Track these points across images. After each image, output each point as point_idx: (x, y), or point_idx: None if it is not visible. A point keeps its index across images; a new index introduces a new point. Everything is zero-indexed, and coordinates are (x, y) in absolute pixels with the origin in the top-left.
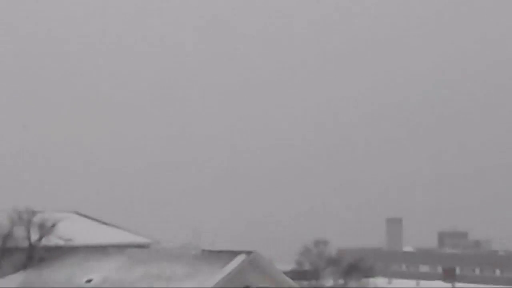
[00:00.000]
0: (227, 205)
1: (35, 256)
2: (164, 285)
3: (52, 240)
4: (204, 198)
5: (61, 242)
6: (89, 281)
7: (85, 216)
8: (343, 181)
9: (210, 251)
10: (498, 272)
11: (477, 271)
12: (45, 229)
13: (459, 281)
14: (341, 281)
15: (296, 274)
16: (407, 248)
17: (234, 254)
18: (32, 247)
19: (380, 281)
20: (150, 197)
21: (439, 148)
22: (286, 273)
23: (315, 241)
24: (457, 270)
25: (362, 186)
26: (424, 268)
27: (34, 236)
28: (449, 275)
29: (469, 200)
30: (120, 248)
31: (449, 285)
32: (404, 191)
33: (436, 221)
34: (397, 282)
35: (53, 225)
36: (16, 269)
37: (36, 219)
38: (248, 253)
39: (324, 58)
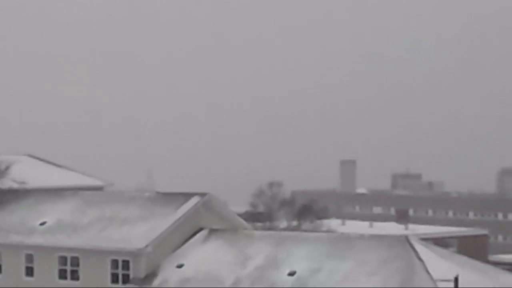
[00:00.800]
0: (181, 148)
1: None
2: (118, 227)
3: (5, 183)
4: (157, 141)
5: (15, 185)
6: (43, 223)
7: (38, 158)
8: (298, 124)
9: (164, 193)
10: (450, 213)
11: (430, 212)
12: None
13: (412, 223)
14: (294, 223)
15: (250, 216)
16: (361, 190)
17: (188, 196)
18: None
19: (333, 222)
20: (104, 139)
21: (392, 94)
22: (240, 214)
23: (269, 183)
24: (410, 212)
25: (317, 129)
26: (377, 210)
27: None
28: (402, 217)
29: (422, 143)
30: (74, 190)
31: (402, 226)
32: (358, 133)
33: (390, 163)
34: (350, 223)
35: (7, 168)
36: None
37: None
38: (202, 195)
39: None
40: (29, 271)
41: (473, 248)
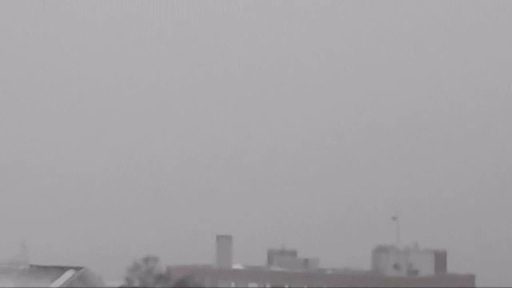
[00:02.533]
0: (56, 219)
1: None
2: None
3: None
4: (32, 211)
5: None
6: None
7: None
8: (172, 198)
9: (39, 267)
10: None
11: None
12: None
13: None
14: None
15: None
16: (236, 266)
17: (62, 269)
18: None
19: None
20: None
21: (267, 163)
22: None
23: (145, 258)
24: None
25: (191, 203)
26: (253, 285)
27: None
28: None
29: (297, 219)
30: None
31: None
32: (234, 208)
33: (266, 239)
34: None
35: None
36: None
37: None
38: (77, 269)
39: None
40: None
41: None
